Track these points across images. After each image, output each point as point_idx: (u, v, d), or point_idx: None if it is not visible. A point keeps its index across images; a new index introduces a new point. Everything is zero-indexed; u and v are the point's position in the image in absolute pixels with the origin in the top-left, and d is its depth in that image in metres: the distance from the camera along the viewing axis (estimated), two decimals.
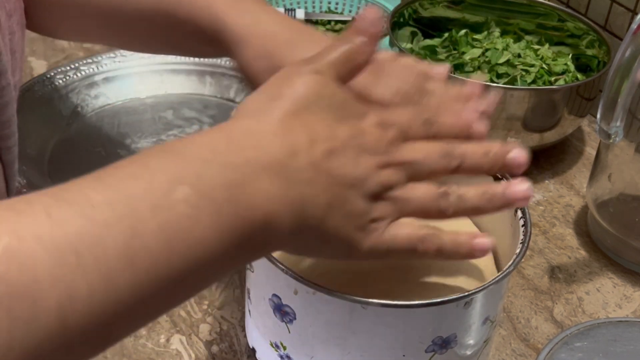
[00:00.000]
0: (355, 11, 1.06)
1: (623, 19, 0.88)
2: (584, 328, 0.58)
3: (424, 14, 0.94)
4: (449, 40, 0.91)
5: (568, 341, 0.57)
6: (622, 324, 0.59)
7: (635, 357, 0.56)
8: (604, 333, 0.57)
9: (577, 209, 0.80)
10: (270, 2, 1.03)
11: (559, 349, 0.56)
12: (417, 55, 0.89)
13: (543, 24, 0.93)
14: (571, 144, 0.90)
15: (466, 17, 0.95)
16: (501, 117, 0.78)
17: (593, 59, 0.87)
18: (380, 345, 0.49)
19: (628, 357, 0.56)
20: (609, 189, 0.73)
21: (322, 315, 0.49)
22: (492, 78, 0.84)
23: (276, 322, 0.52)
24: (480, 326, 0.51)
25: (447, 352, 0.50)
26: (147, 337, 0.63)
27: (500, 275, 0.48)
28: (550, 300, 0.69)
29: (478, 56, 0.87)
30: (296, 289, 0.49)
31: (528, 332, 0.66)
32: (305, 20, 1.02)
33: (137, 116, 0.85)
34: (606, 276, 0.72)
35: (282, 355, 0.53)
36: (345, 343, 0.49)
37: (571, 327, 0.59)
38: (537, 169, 0.85)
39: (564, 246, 0.75)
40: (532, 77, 0.84)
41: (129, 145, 0.80)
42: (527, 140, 0.81)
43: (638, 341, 0.57)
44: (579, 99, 0.81)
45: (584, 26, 0.89)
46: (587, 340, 0.57)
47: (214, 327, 0.64)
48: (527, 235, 0.50)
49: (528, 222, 0.51)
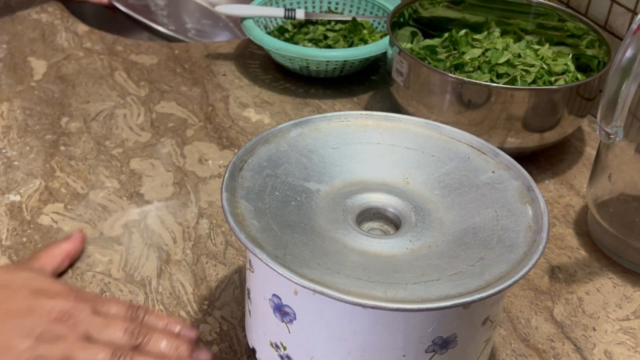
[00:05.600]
0: (355, 11, 1.06)
1: (623, 19, 0.88)
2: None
3: (424, 14, 0.94)
4: (449, 40, 0.91)
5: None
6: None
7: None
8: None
9: (577, 209, 0.80)
10: (270, 2, 1.03)
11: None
12: (417, 55, 0.89)
13: (543, 24, 0.93)
14: (571, 144, 0.90)
15: (466, 17, 0.95)
16: (501, 117, 0.78)
17: (593, 59, 0.87)
18: (380, 346, 0.49)
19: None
20: (609, 189, 0.73)
21: (322, 315, 0.49)
22: (492, 78, 0.84)
23: (276, 322, 0.52)
24: (480, 326, 0.51)
25: (447, 352, 0.50)
26: None
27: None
28: (550, 300, 0.69)
29: (478, 56, 0.87)
30: (296, 289, 0.49)
31: (528, 332, 0.66)
32: (305, 20, 1.02)
33: None
34: (606, 276, 0.72)
35: (282, 355, 0.53)
36: (345, 343, 0.50)
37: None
38: (537, 169, 0.85)
39: (564, 246, 0.75)
40: (532, 77, 0.84)
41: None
42: (527, 140, 0.81)
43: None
44: (579, 99, 0.81)
45: (584, 26, 0.89)
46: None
47: (214, 327, 0.64)
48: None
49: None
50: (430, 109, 0.81)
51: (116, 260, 0.70)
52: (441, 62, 0.87)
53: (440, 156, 0.59)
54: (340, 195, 0.56)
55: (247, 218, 0.51)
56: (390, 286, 0.47)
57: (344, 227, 0.53)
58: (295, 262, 0.48)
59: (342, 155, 0.59)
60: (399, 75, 0.84)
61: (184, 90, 0.95)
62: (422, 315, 0.48)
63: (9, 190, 0.77)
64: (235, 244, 0.73)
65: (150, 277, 0.69)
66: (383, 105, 0.95)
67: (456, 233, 0.53)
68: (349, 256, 0.50)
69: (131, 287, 0.67)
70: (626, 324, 0.67)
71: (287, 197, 0.54)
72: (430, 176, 0.58)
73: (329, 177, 0.57)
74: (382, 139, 0.60)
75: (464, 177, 0.57)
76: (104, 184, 0.79)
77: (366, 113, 0.62)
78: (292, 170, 0.57)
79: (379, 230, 0.56)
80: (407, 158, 0.59)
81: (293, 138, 0.59)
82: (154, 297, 0.67)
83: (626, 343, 0.65)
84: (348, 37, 1.00)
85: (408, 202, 0.56)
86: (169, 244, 0.72)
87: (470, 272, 0.49)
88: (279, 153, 0.57)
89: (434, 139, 0.60)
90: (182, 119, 0.90)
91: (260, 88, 0.97)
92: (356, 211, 0.55)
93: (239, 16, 0.99)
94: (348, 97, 0.96)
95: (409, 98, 0.84)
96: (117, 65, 0.99)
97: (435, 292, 0.47)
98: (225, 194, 0.52)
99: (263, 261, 0.47)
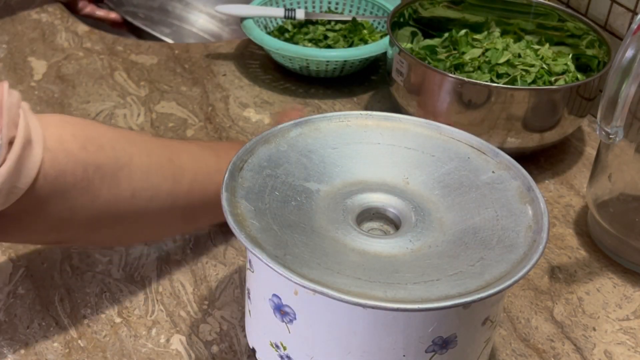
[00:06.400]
0: (355, 11, 1.06)
1: (623, 19, 0.88)
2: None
3: (424, 14, 0.94)
4: (449, 40, 0.91)
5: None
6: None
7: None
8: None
9: (577, 209, 0.80)
10: (270, 2, 1.03)
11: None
12: (417, 55, 0.89)
13: (543, 24, 0.93)
14: (571, 144, 0.90)
15: (466, 17, 0.95)
16: (501, 117, 0.78)
17: (593, 59, 0.87)
18: (380, 346, 0.49)
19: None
20: (609, 189, 0.73)
21: (322, 315, 0.49)
22: (492, 78, 0.84)
23: (276, 322, 0.52)
24: (480, 326, 0.51)
25: (447, 352, 0.50)
26: (147, 337, 0.63)
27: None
28: (550, 300, 0.69)
29: (478, 56, 0.87)
30: (296, 289, 0.49)
31: (528, 332, 0.66)
32: (305, 20, 1.02)
33: None
34: (606, 276, 0.72)
35: (282, 355, 0.53)
36: (345, 343, 0.50)
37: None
38: (537, 169, 0.85)
39: (564, 246, 0.75)
40: (532, 77, 0.84)
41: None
42: (527, 140, 0.81)
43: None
44: (579, 99, 0.81)
45: (584, 26, 0.89)
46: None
47: (214, 327, 0.64)
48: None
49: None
50: (430, 109, 0.81)
51: (116, 260, 0.70)
52: (441, 62, 0.87)
53: (440, 156, 0.59)
54: (340, 195, 0.56)
55: (247, 218, 0.51)
56: (390, 286, 0.47)
57: (344, 227, 0.53)
58: (295, 262, 0.48)
59: (342, 155, 0.59)
60: (399, 75, 0.84)
61: (184, 90, 0.95)
62: (422, 315, 0.48)
63: None
64: (235, 244, 0.73)
65: (150, 277, 0.69)
66: (383, 105, 0.95)
67: (456, 233, 0.53)
68: (349, 256, 0.50)
69: (131, 287, 0.67)
70: (626, 324, 0.67)
71: (287, 197, 0.54)
72: (430, 176, 0.58)
73: (329, 177, 0.57)
74: (382, 139, 0.60)
75: (464, 177, 0.57)
76: None
77: (366, 113, 0.62)
78: (292, 170, 0.57)
79: (379, 230, 0.56)
80: (407, 158, 0.59)
81: (293, 138, 0.59)
82: (154, 297, 0.67)
83: (626, 343, 0.65)
84: (348, 37, 1.00)
85: (408, 202, 0.56)
86: (169, 244, 0.72)
87: (470, 272, 0.49)
88: (279, 153, 0.57)
89: (434, 139, 0.60)
90: (182, 119, 0.90)
91: (260, 88, 0.97)
92: (356, 211, 0.55)
93: (239, 16, 0.99)
94: (348, 97, 0.96)
95: (409, 98, 0.84)
96: (117, 65, 0.99)
97: (435, 292, 0.47)
98: (225, 194, 0.52)
99: (263, 261, 0.47)
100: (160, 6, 1.25)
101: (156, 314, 0.65)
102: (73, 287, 0.67)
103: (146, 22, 1.17)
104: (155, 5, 1.24)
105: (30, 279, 0.68)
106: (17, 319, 0.64)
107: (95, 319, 0.64)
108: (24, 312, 0.65)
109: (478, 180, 0.57)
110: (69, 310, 0.65)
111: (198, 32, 1.26)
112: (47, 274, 0.68)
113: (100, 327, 0.64)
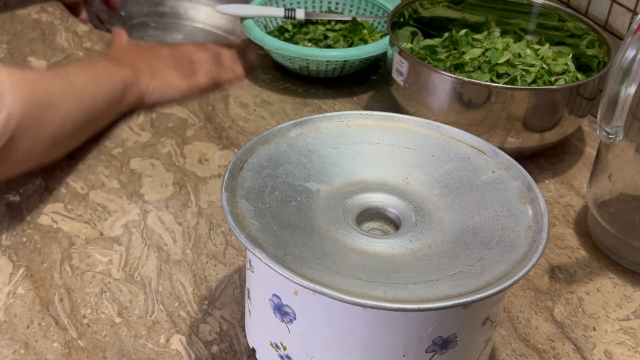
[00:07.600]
0: (355, 11, 1.06)
1: (623, 19, 0.88)
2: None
3: (424, 14, 0.94)
4: (449, 40, 0.91)
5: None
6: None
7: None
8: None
9: (577, 209, 0.80)
10: (270, 2, 1.03)
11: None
12: (417, 55, 0.89)
13: (543, 24, 0.93)
14: (571, 144, 0.90)
15: (466, 17, 0.95)
16: (501, 117, 0.78)
17: (593, 59, 0.87)
18: (380, 346, 0.49)
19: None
20: (609, 189, 0.73)
21: (322, 315, 0.49)
22: (492, 78, 0.84)
23: (276, 322, 0.52)
24: (480, 326, 0.51)
25: (448, 352, 0.50)
26: (147, 337, 0.63)
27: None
28: (551, 300, 0.69)
29: (478, 56, 0.87)
30: (296, 289, 0.49)
31: (528, 332, 0.66)
32: (305, 20, 1.02)
33: None
34: (606, 276, 0.72)
35: (282, 355, 0.53)
36: (345, 343, 0.50)
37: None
38: (537, 169, 0.85)
39: (564, 246, 0.75)
40: (532, 77, 0.84)
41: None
42: (527, 140, 0.81)
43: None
44: (579, 99, 0.81)
45: (584, 26, 0.89)
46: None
47: (214, 327, 0.64)
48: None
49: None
50: (430, 109, 0.81)
51: (116, 261, 0.70)
52: (441, 62, 0.87)
53: (440, 156, 0.59)
54: (340, 195, 0.56)
55: (247, 218, 0.51)
56: (390, 286, 0.47)
57: (344, 227, 0.53)
58: (295, 262, 0.48)
59: (342, 155, 0.59)
60: (399, 75, 0.84)
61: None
62: (422, 315, 0.48)
63: (9, 190, 0.77)
64: (235, 244, 0.73)
65: (150, 277, 0.69)
66: (383, 105, 0.95)
67: (456, 233, 0.53)
68: (349, 256, 0.50)
69: (131, 287, 0.67)
70: (626, 324, 0.67)
71: (287, 197, 0.54)
72: (430, 176, 0.58)
73: (329, 177, 0.57)
74: (382, 139, 0.60)
75: (464, 177, 0.57)
76: (104, 184, 0.79)
77: (366, 113, 0.62)
78: (292, 170, 0.57)
79: (379, 230, 0.56)
80: (407, 158, 0.59)
81: (293, 138, 0.59)
82: (154, 297, 0.67)
83: (626, 343, 0.65)
84: (348, 37, 1.00)
85: (408, 202, 0.56)
86: (169, 244, 0.72)
87: (470, 272, 0.49)
88: (279, 153, 0.57)
89: (434, 138, 0.60)
90: (182, 118, 0.90)
91: (260, 88, 0.97)
92: (356, 211, 0.55)
93: (239, 16, 0.99)
94: (348, 97, 0.96)
95: (409, 98, 0.84)
96: None
97: (435, 292, 0.47)
98: (225, 194, 0.52)
99: (263, 261, 0.47)
100: (171, 10, 1.25)
101: (156, 314, 0.65)
102: (73, 287, 0.67)
103: (158, 32, 1.17)
104: (166, 10, 1.24)
105: (30, 279, 0.68)
106: (17, 319, 0.64)
107: (95, 319, 0.64)
108: (24, 312, 0.65)
109: (478, 180, 0.57)
110: (69, 310, 0.65)
111: (212, 29, 1.26)
112: (47, 274, 0.68)
113: (100, 327, 0.64)
